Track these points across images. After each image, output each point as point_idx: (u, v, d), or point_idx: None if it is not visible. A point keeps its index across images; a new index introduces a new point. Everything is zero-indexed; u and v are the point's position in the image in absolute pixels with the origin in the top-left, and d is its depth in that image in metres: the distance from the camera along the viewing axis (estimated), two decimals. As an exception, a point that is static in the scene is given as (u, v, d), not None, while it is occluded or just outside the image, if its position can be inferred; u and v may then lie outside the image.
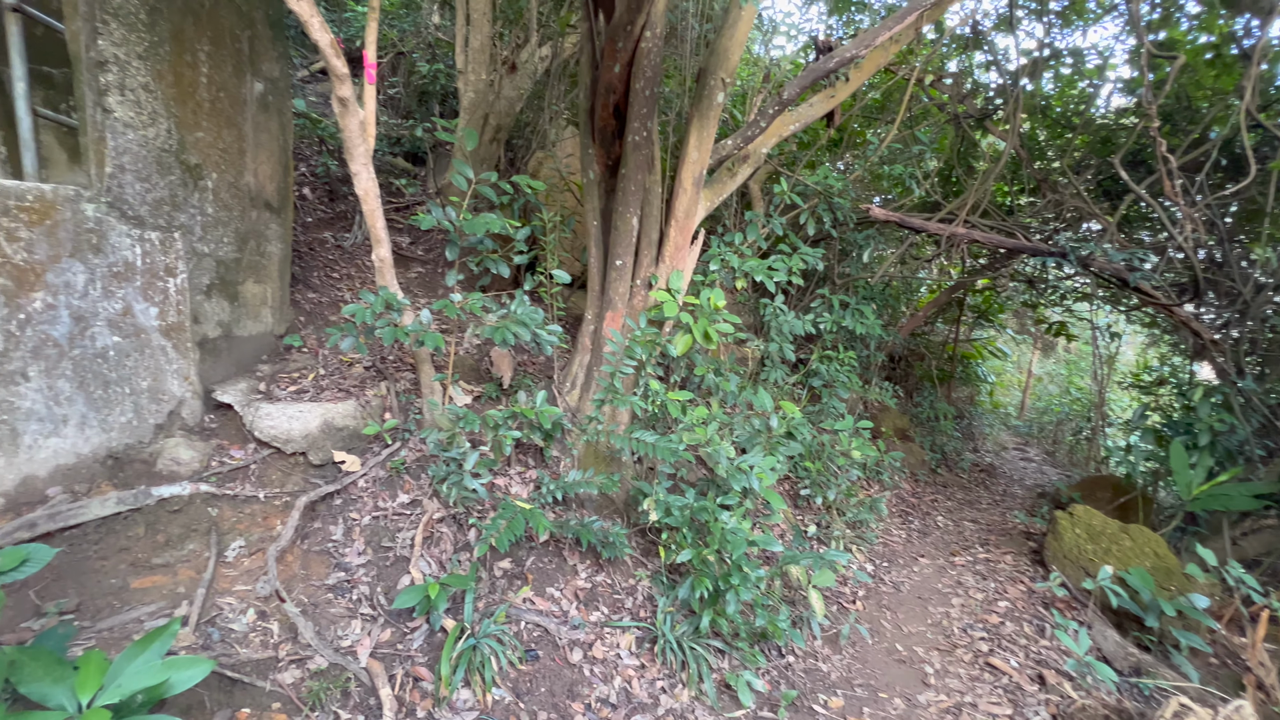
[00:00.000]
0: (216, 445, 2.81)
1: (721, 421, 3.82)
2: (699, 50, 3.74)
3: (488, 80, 6.08)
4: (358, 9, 8.68)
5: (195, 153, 2.86)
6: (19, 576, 1.53)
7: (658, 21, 3.00)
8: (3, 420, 2.27)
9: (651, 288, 3.57)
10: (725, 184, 3.85)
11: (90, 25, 2.46)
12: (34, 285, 2.33)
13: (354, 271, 5.01)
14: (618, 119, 3.33)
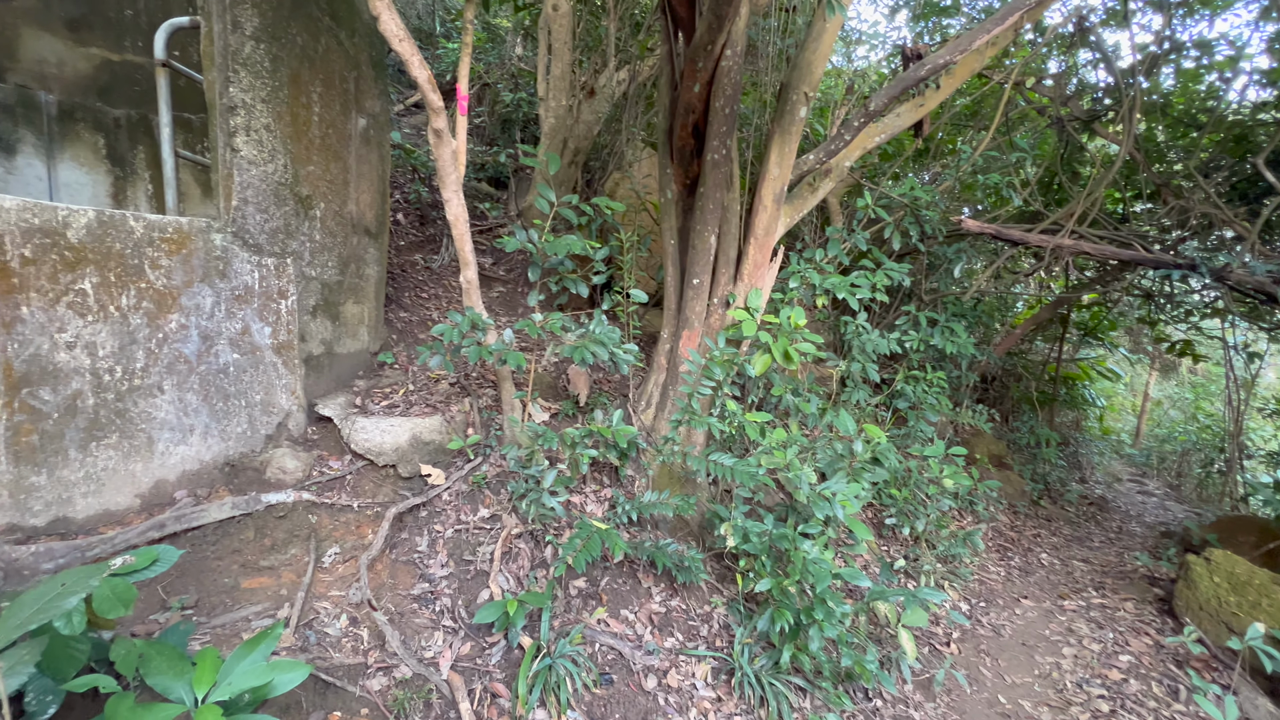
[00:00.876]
0: (317, 456, 3.00)
1: (801, 445, 3.68)
2: (779, 65, 3.68)
3: (567, 106, 6.28)
4: (449, 46, 9.27)
5: (307, 185, 3.11)
6: (150, 574, 1.67)
7: (738, 39, 2.98)
8: (141, 429, 2.53)
9: (729, 306, 3.51)
10: (806, 199, 3.75)
11: (224, 75, 2.74)
12: (170, 308, 2.60)
13: (441, 292, 5.27)
14: (696, 138, 3.32)
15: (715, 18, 2.77)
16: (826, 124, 4.60)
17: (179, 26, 3.15)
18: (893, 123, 3.74)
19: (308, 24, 3.07)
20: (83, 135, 4.26)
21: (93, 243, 2.37)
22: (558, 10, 5.93)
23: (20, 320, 2.21)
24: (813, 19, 3.19)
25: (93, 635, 1.63)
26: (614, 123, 6.78)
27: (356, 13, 3.58)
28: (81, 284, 2.35)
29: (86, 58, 4.34)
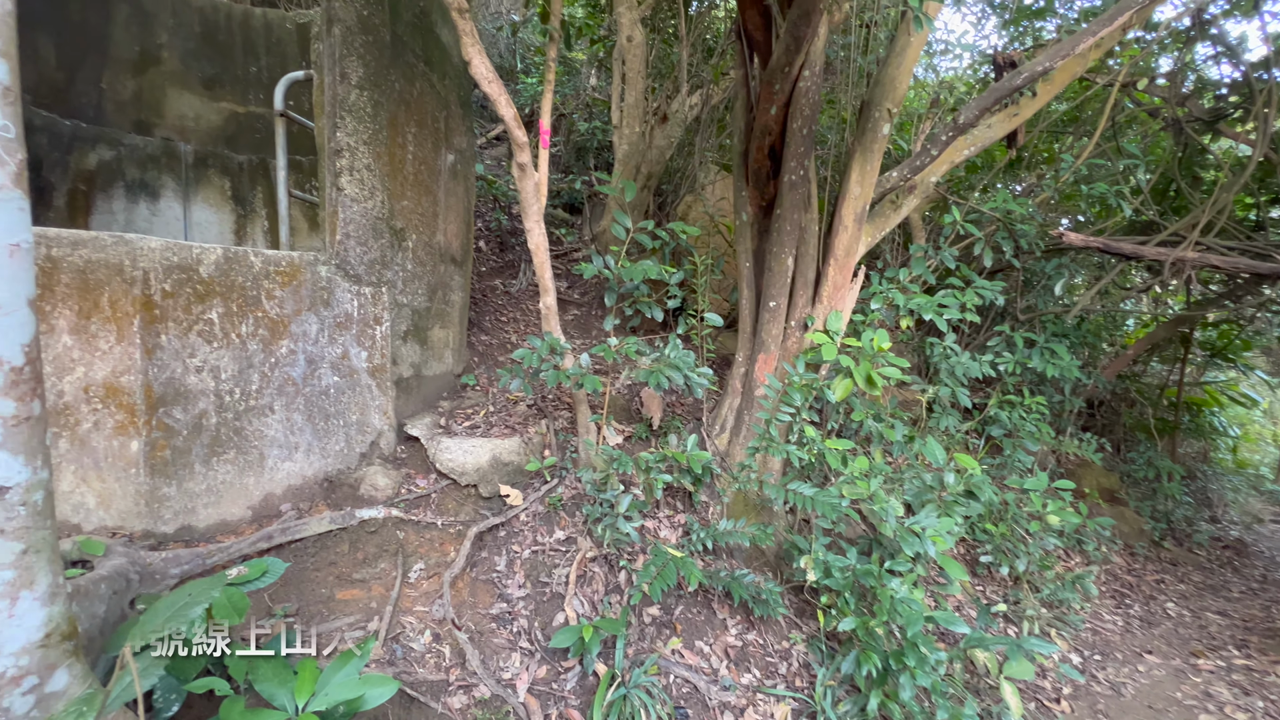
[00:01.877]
0: (405, 474, 3.15)
1: (886, 474, 3.48)
2: (859, 81, 3.59)
3: (640, 132, 6.41)
4: (527, 80, 9.72)
5: (401, 218, 3.33)
6: (260, 585, 1.79)
7: (817, 60, 2.94)
8: (254, 446, 2.76)
9: (807, 329, 3.40)
10: (889, 217, 3.60)
11: (332, 121, 3.00)
12: (282, 334, 2.83)
13: (519, 315, 5.46)
14: (772, 160, 3.28)
15: (793, 40, 2.75)
16: (909, 137, 4.43)
17: (295, 80, 3.49)
18: (983, 134, 3.54)
19: (405, 70, 3.31)
20: (212, 179, 4.77)
21: (220, 277, 2.64)
22: (632, 41, 6.10)
23: (160, 347, 2.48)
24: (895, 34, 3.10)
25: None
26: (686, 146, 6.84)
27: (447, 56, 3.82)
28: (209, 314, 2.61)
29: (218, 111, 4.88)
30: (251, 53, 5.01)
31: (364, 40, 3.05)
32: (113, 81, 4.41)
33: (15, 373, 1.09)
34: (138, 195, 4.52)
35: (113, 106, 4.43)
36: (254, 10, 5.01)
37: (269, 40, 5.05)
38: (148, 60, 4.56)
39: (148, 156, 4.55)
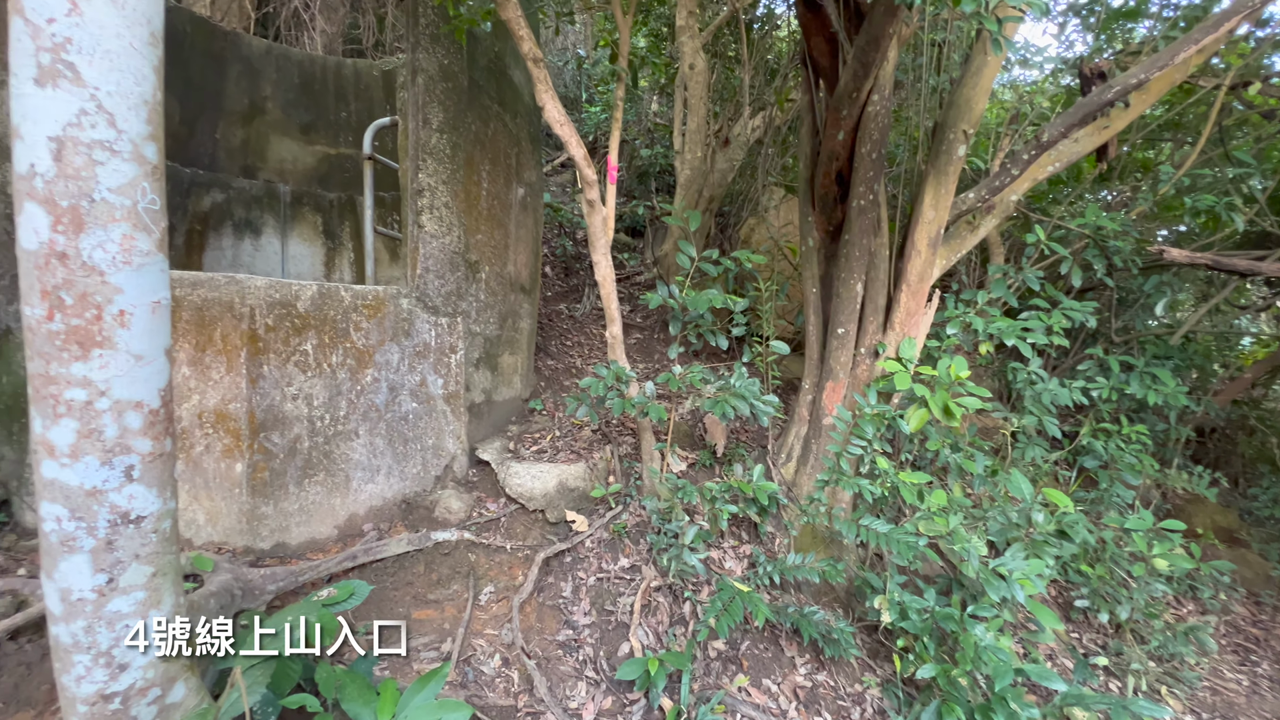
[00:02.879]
0: (476, 497, 3.26)
1: (967, 510, 3.29)
2: (932, 102, 3.48)
3: (702, 156, 6.46)
4: (591, 109, 10.02)
5: (475, 251, 3.49)
6: (347, 607, 1.90)
7: (886, 84, 2.88)
8: (341, 468, 2.94)
9: (878, 357, 3.29)
10: (965, 239, 3.45)
11: (414, 163, 3.21)
12: (367, 364, 3.02)
13: (583, 339, 5.58)
14: (839, 184, 3.23)
15: (861, 66, 2.71)
16: (985, 154, 4.24)
17: (382, 125, 3.76)
18: (1069, 149, 3.34)
19: (480, 113, 3.50)
20: (306, 216, 5.18)
21: (314, 311, 2.85)
22: (694, 69, 6.19)
23: (262, 376, 2.70)
24: (971, 53, 2.99)
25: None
26: (749, 168, 6.83)
27: (519, 95, 4.01)
28: (305, 345, 2.83)
29: (312, 154, 5.31)
30: (342, 99, 5.44)
31: (444, 87, 3.25)
32: (225, 132, 4.89)
33: (153, 414, 1.22)
34: (243, 233, 4.95)
35: (224, 154, 4.91)
36: (345, 61, 5.45)
37: (357, 87, 5.46)
38: (255, 111, 5.03)
39: (252, 198, 4.99)
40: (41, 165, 1.02)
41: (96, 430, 1.15)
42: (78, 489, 1.16)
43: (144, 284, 1.15)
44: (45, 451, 1.15)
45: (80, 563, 1.20)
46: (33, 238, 1.05)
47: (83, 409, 1.13)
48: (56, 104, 1.01)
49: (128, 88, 1.06)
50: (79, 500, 1.17)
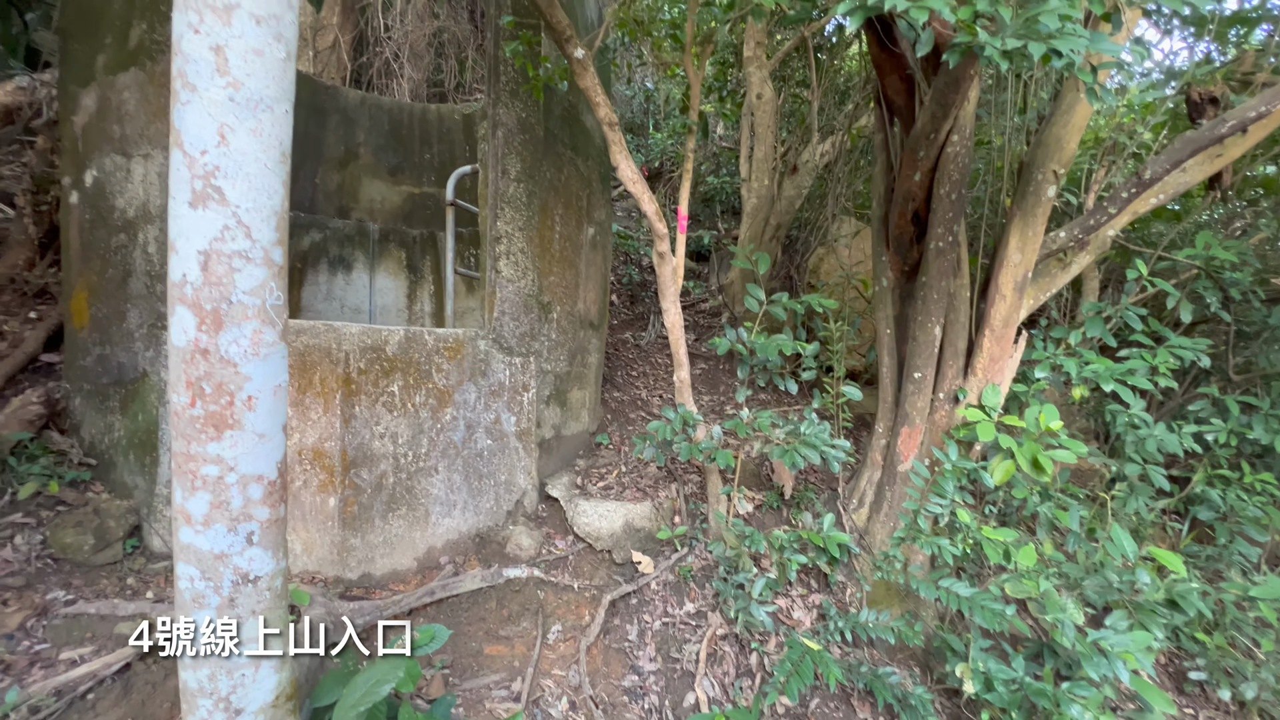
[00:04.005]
0: (546, 533, 3.35)
1: (1059, 567, 3.07)
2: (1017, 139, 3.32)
3: (769, 184, 6.42)
4: (656, 135, 10.17)
5: (548, 293, 3.62)
6: (427, 651, 2.00)
7: (966, 124, 2.78)
8: (421, 503, 3.10)
9: (958, 402, 3.14)
10: (1055, 277, 3.25)
11: (493, 212, 3.37)
12: (447, 403, 3.18)
13: (649, 369, 5.63)
14: (916, 224, 3.13)
15: (939, 107, 2.63)
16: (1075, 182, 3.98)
17: (464, 174, 3.98)
18: (1176, 180, 3.09)
19: (555, 160, 3.64)
20: (392, 252, 5.53)
21: (401, 354, 3.04)
22: (761, 98, 6.19)
23: (354, 416, 2.90)
24: (1061, 89, 2.84)
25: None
26: (817, 194, 6.73)
27: (590, 139, 4.15)
28: (392, 387, 3.02)
29: (399, 194, 5.68)
30: (426, 142, 5.80)
31: (521, 139, 3.41)
32: (323, 177, 5.33)
33: (271, 485, 1.35)
34: (337, 268, 5.34)
35: (322, 197, 5.34)
36: (429, 106, 5.83)
37: (440, 130, 5.82)
38: (349, 157, 5.46)
39: (345, 236, 5.38)
40: (191, 275, 1.16)
41: (225, 501, 1.28)
42: (208, 553, 1.30)
43: (269, 371, 1.28)
44: (183, 519, 1.29)
45: (208, 617, 1.34)
46: (182, 336, 1.19)
47: (215, 483, 1.26)
48: (205, 222, 1.15)
49: (262, 203, 1.20)
50: (209, 563, 1.30)
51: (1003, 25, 1.57)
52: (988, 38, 1.54)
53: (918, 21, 1.51)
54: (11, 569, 2.36)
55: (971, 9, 1.56)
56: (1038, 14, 1.50)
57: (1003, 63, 1.52)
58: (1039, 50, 1.48)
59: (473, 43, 7.12)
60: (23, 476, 2.67)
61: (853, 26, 1.61)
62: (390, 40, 6.65)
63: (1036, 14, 1.50)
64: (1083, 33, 1.54)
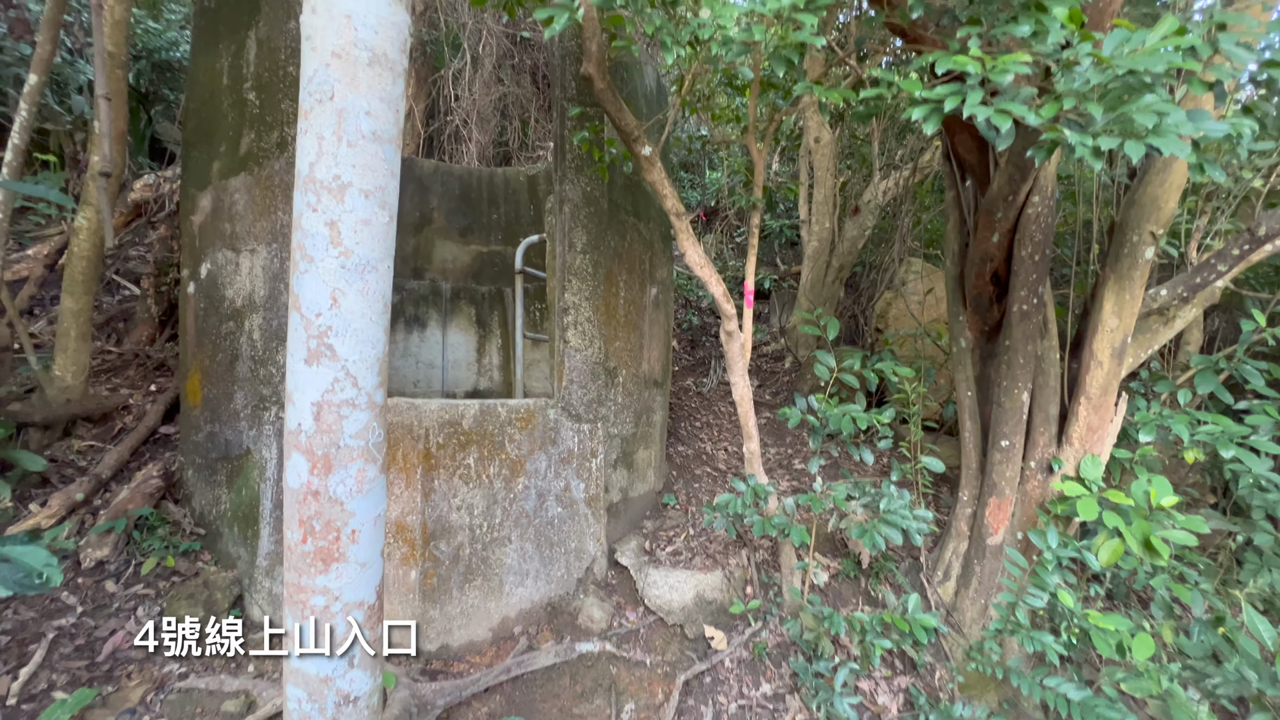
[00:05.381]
0: (616, 603, 3.33)
1: (1182, 656, 2.77)
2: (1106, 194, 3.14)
3: (830, 226, 6.33)
4: (712, 175, 10.26)
5: (614, 359, 3.68)
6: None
7: (1048, 183, 2.65)
8: (496, 573, 3.16)
9: (1052, 472, 2.93)
10: (1157, 334, 3.01)
11: (561, 283, 3.48)
12: (519, 472, 3.26)
13: (712, 419, 5.58)
14: (995, 284, 2.99)
15: (1017, 169, 2.53)
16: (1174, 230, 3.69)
17: (531, 243, 4.14)
18: (1295, 227, 2.81)
19: (618, 228, 3.74)
20: (462, 308, 5.78)
21: (476, 427, 3.15)
22: (819, 142, 6.15)
23: (433, 490, 3.02)
24: (1154, 144, 2.66)
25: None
26: (881, 235, 6.57)
27: (651, 202, 4.23)
28: (467, 459, 3.12)
29: (468, 253, 5.96)
30: (493, 203, 6.09)
31: (587, 212, 3.52)
32: (401, 242, 5.66)
33: (371, 609, 1.41)
34: (413, 327, 5.63)
35: (399, 260, 5.67)
36: (496, 170, 6.13)
37: (506, 192, 6.10)
38: (424, 221, 5.79)
39: (420, 296, 5.67)
40: (305, 424, 1.26)
41: (330, 629, 1.34)
42: (314, 677, 1.36)
43: (370, 504, 1.35)
44: (293, 645, 1.36)
45: (312, 736, 1.40)
46: (296, 479, 1.28)
47: (322, 612, 1.33)
48: (318, 377, 1.24)
49: (367, 353, 1.28)
50: (314, 686, 1.37)
51: (1090, 119, 1.50)
52: (1077, 136, 1.47)
53: (1002, 126, 1.47)
54: (134, 641, 2.57)
55: (1057, 106, 1.50)
56: (1131, 110, 1.42)
57: (1095, 162, 1.45)
58: (1137, 151, 1.40)
59: (535, 104, 7.48)
60: (145, 550, 2.92)
61: (929, 130, 1.58)
62: (459, 107, 7.08)
63: (1130, 110, 1.42)
64: (1183, 120, 1.45)
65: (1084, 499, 2.64)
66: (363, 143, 1.17)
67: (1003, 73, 1.48)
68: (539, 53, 7.42)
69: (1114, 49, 1.46)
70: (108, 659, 2.47)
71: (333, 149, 1.16)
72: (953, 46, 1.62)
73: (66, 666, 2.36)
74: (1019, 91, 1.60)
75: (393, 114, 1.21)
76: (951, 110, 1.54)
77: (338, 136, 1.16)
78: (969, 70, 1.51)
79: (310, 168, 1.18)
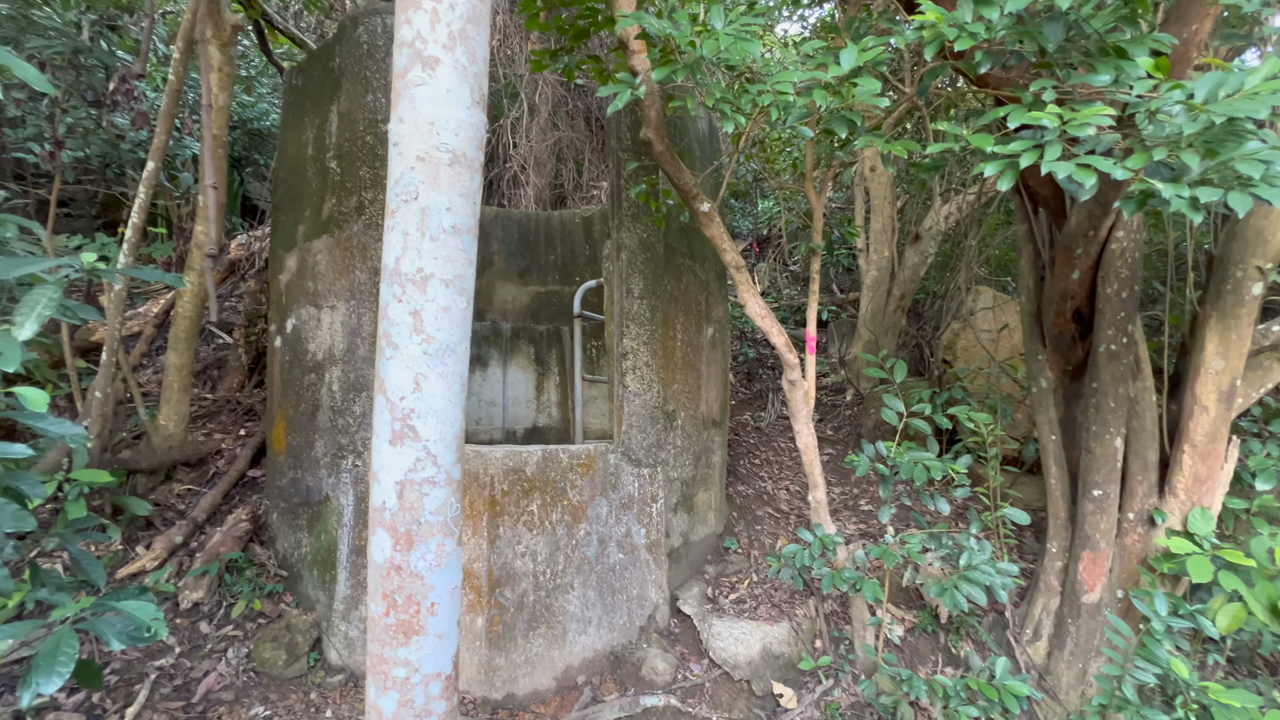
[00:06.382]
0: (680, 653, 3.27)
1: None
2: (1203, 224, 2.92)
3: (889, 255, 6.17)
4: (764, 204, 10.23)
5: (673, 401, 3.68)
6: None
7: (1134, 218, 2.50)
8: (559, 620, 3.17)
9: (1154, 525, 2.69)
10: (1271, 371, 2.75)
11: (619, 329, 3.53)
12: (581, 518, 3.28)
13: (772, 456, 5.46)
14: (1078, 321, 2.82)
15: (1098, 204, 2.40)
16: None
17: (589, 287, 4.23)
18: None
19: (674, 271, 3.77)
20: (521, 347, 5.94)
21: (538, 474, 3.20)
22: (875, 171, 6.04)
23: (498, 537, 3.07)
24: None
25: None
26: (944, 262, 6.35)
27: (706, 243, 4.24)
28: (531, 506, 3.17)
29: (527, 293, 6.15)
30: (550, 245, 6.27)
31: (644, 258, 3.58)
32: (464, 287, 5.91)
33: (448, 680, 1.44)
34: (474, 366, 5.82)
35: (463, 304, 5.90)
36: (553, 214, 6.33)
37: (562, 233, 6.28)
38: (485, 265, 6.02)
39: (482, 337, 5.87)
40: (389, 502, 1.31)
41: (410, 700, 1.38)
42: (395, 747, 1.39)
43: (448, 577, 1.39)
44: (375, 715, 1.40)
45: (392, 806, 1.42)
46: (380, 554, 1.33)
47: (403, 684, 1.37)
48: (402, 457, 1.30)
49: (445, 432, 1.34)
50: (395, 755, 1.39)
51: (1184, 169, 1.41)
52: (1172, 188, 1.38)
53: (1086, 182, 1.40)
54: (225, 683, 2.71)
55: (1146, 157, 1.42)
56: (1232, 159, 1.33)
57: (1195, 215, 1.36)
58: (1244, 203, 1.30)
59: (588, 146, 7.72)
60: (234, 592, 3.10)
61: (1004, 186, 1.53)
62: (517, 153, 7.39)
63: (1230, 159, 1.33)
64: (1295, 164, 1.34)
65: (1195, 557, 2.40)
66: (444, 236, 1.24)
67: (1082, 126, 1.42)
68: (592, 98, 7.68)
69: (1208, 93, 1.38)
70: (201, 700, 2.61)
71: (416, 244, 1.24)
72: (1025, 98, 1.57)
73: (166, 707, 2.51)
74: (1099, 140, 1.53)
75: (470, 207, 1.28)
76: (1029, 168, 1.48)
77: (421, 232, 1.23)
78: (1045, 124, 1.45)
79: (396, 261, 1.26)
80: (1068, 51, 1.60)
